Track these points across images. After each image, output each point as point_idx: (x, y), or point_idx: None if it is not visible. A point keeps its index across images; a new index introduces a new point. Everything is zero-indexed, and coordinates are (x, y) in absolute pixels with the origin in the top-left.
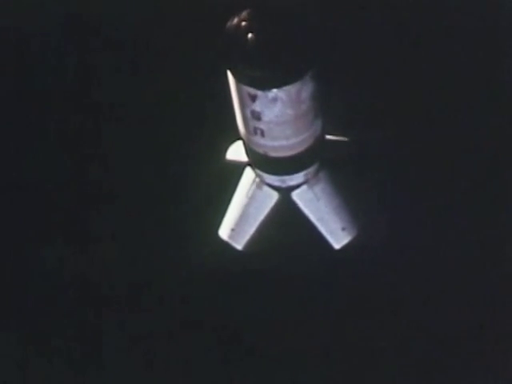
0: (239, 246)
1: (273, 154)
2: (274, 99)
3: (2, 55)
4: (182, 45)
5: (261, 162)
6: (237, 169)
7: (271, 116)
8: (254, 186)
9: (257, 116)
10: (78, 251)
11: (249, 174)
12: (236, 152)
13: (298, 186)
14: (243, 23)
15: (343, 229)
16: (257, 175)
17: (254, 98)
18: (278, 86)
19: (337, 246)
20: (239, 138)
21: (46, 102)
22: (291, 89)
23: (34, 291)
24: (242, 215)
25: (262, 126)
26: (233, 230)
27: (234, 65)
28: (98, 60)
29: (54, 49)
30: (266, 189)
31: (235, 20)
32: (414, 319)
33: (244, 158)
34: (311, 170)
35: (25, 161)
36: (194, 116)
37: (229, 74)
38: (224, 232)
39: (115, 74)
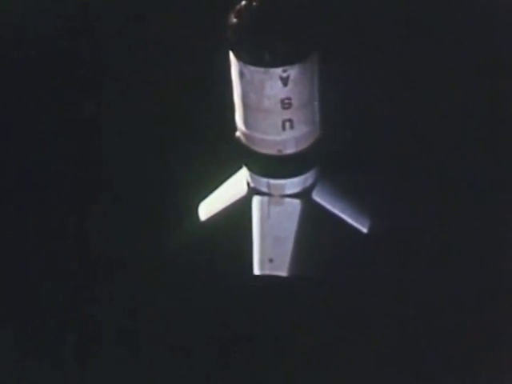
0: (202, 218)
1: (243, 139)
2: (241, 73)
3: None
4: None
5: (236, 144)
6: None
7: (239, 90)
8: (238, 173)
9: (234, 85)
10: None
11: None
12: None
13: (258, 193)
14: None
15: (270, 260)
16: None
17: (230, 63)
18: (241, 59)
19: (256, 271)
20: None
21: (45, 97)
22: (254, 72)
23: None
24: (219, 193)
25: (236, 98)
26: (206, 203)
27: (227, 24)
28: (95, 54)
29: (51, 44)
30: (242, 180)
31: None
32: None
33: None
34: (274, 185)
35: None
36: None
37: None
38: (202, 204)
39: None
